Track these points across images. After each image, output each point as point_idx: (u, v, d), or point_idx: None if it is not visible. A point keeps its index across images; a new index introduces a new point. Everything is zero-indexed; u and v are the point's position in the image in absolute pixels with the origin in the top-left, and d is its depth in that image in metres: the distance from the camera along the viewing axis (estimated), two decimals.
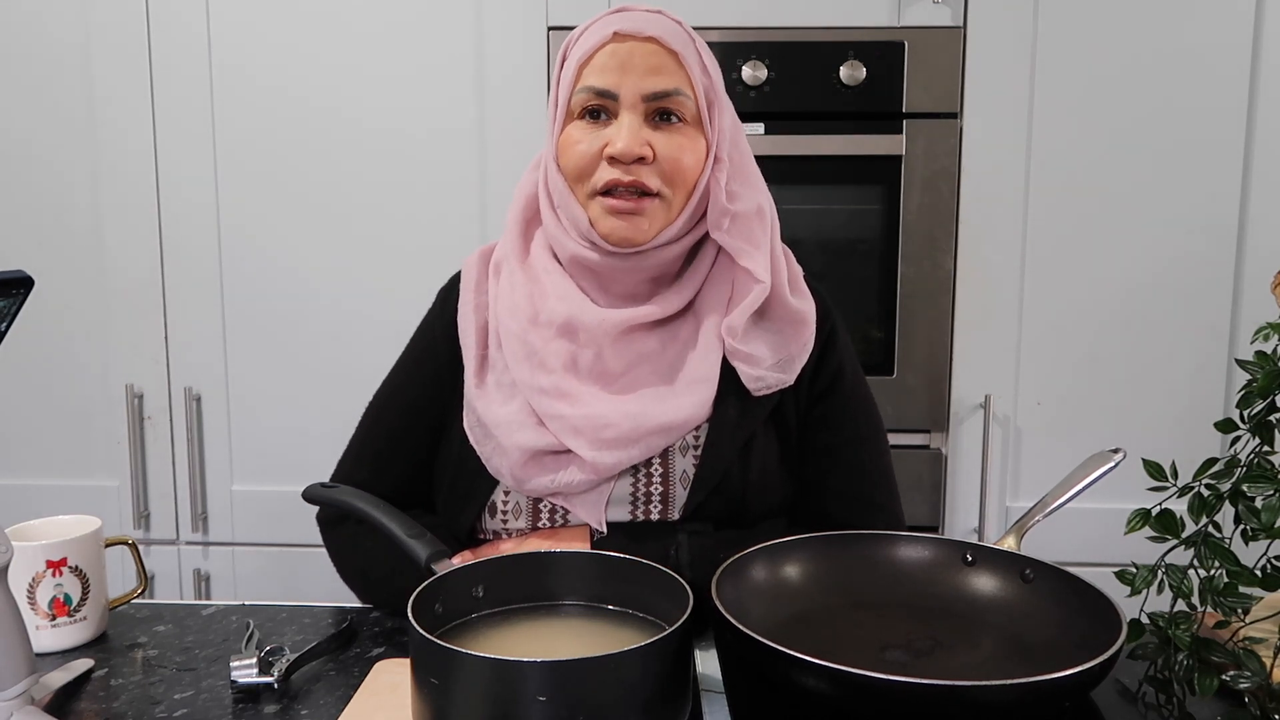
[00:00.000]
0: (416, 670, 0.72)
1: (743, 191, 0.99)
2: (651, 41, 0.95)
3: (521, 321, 1.00)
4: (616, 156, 0.94)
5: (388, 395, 1.10)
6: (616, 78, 0.94)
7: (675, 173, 0.96)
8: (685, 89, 0.95)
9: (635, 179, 0.94)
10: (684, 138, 0.96)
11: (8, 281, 0.71)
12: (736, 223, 0.98)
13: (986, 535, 1.84)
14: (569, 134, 0.97)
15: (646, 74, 0.94)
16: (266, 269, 1.85)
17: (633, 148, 0.93)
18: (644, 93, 0.94)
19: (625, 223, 0.96)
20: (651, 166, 0.95)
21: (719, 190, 0.97)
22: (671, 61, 0.95)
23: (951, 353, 1.82)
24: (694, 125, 0.97)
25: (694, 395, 0.98)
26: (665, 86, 0.95)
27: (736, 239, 0.99)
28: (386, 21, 1.79)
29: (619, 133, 0.94)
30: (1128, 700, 0.82)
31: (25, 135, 1.84)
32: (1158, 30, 1.74)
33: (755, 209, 1.00)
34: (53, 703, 0.83)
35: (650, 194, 0.95)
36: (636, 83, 0.94)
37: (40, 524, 0.97)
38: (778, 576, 0.91)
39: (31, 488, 1.90)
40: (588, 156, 0.96)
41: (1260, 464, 0.80)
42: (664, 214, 0.97)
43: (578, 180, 0.97)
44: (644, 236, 0.97)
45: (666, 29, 0.96)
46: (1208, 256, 1.78)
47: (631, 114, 0.95)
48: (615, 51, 0.95)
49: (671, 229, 0.98)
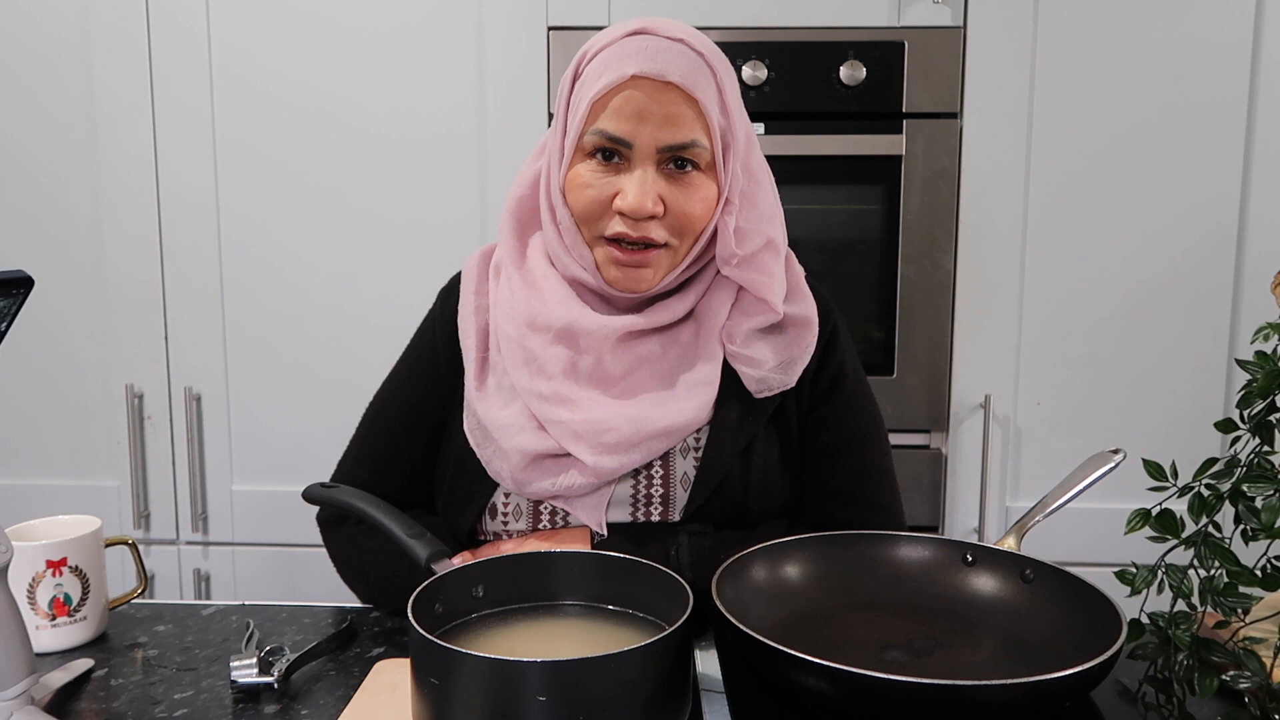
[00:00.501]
0: (416, 670, 0.72)
1: (751, 228, 0.98)
2: (671, 89, 0.91)
3: (520, 327, 1.00)
4: (627, 213, 0.92)
5: (388, 396, 1.10)
6: (632, 126, 0.91)
7: (684, 224, 0.94)
8: (703, 139, 0.93)
9: (643, 235, 0.93)
10: (696, 188, 0.94)
11: (8, 281, 0.71)
12: (745, 261, 0.98)
13: (986, 535, 1.84)
14: (579, 174, 0.95)
15: (663, 124, 0.91)
16: (266, 269, 1.85)
17: (644, 205, 0.91)
18: (660, 145, 0.92)
19: (629, 274, 0.95)
20: (661, 220, 0.94)
21: (727, 234, 0.96)
22: (691, 111, 0.92)
23: (951, 353, 1.82)
24: (707, 171, 0.95)
25: (695, 398, 0.98)
26: (682, 139, 0.92)
27: (748, 273, 0.98)
28: (387, 25, 1.79)
29: (630, 187, 0.92)
30: (1128, 700, 0.82)
31: (25, 136, 1.84)
32: (1157, 30, 1.74)
33: (765, 244, 0.98)
34: (53, 703, 0.83)
35: (656, 245, 0.95)
36: (653, 134, 0.91)
37: (40, 524, 0.97)
38: (778, 576, 0.91)
39: (31, 488, 1.90)
40: (597, 203, 0.94)
41: (1260, 464, 0.80)
42: (669, 261, 0.96)
43: (585, 222, 0.96)
44: (648, 285, 0.96)
45: (688, 71, 0.92)
46: (1208, 256, 1.78)
47: (644, 166, 0.92)
48: (632, 98, 0.91)
49: (675, 273, 0.98)
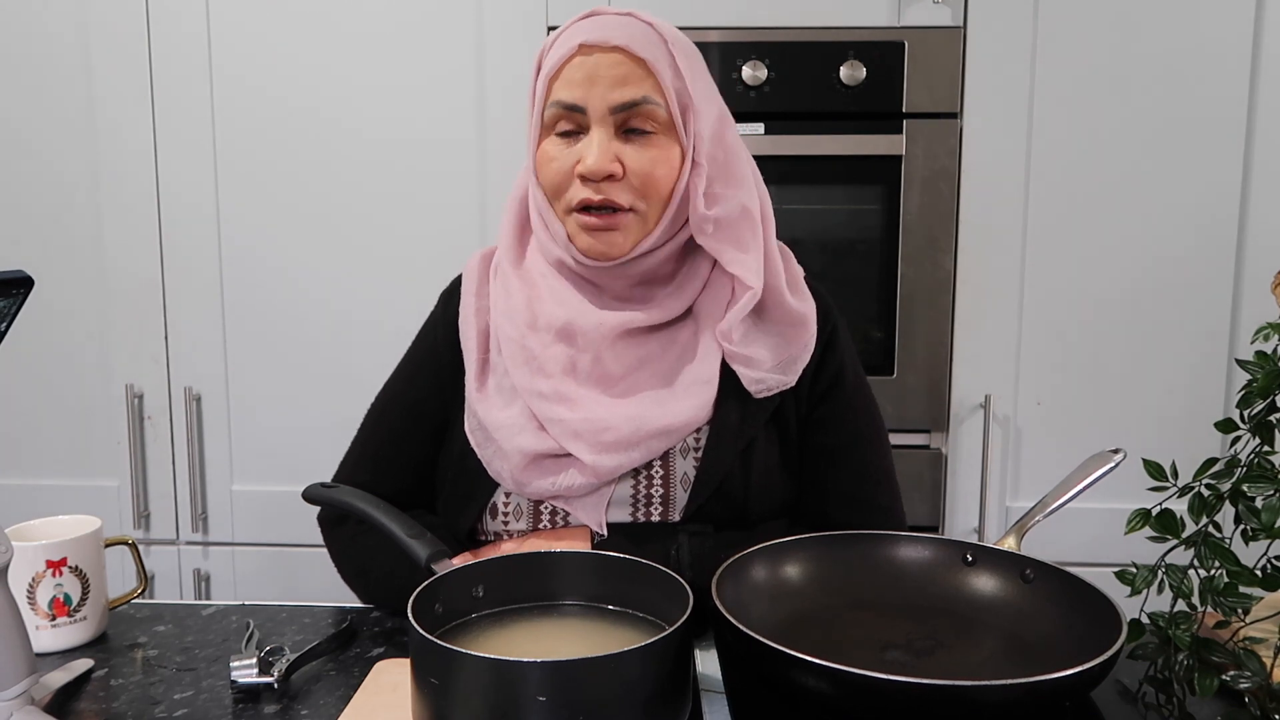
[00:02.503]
0: (416, 670, 0.72)
1: (726, 194, 0.98)
2: (618, 51, 0.93)
3: (519, 326, 1.00)
4: (586, 175, 0.94)
5: (390, 397, 1.10)
6: (583, 91, 0.94)
7: (648, 186, 0.95)
8: (655, 96, 0.94)
9: (605, 197, 0.94)
10: (656, 149, 0.95)
11: (8, 281, 0.71)
12: (720, 227, 0.97)
13: (986, 535, 1.84)
14: (545, 149, 0.97)
15: (613, 85, 0.93)
16: (266, 269, 1.85)
17: (601, 165, 0.93)
18: (611, 104, 0.93)
19: (599, 239, 0.96)
20: (622, 182, 0.94)
21: (697, 197, 0.96)
22: (639, 70, 0.94)
23: (951, 353, 1.82)
24: (667, 133, 0.95)
25: (694, 398, 0.98)
26: (633, 96, 0.93)
27: (722, 243, 0.98)
28: (387, 27, 1.79)
29: (588, 149, 0.94)
30: (1128, 700, 0.82)
31: (25, 135, 1.84)
32: (1158, 30, 1.74)
33: (740, 211, 0.98)
34: (53, 703, 0.83)
35: (623, 209, 0.95)
36: (604, 95, 0.93)
37: (40, 524, 0.97)
38: (778, 576, 0.91)
39: (31, 488, 1.90)
40: (561, 174, 0.96)
41: (1260, 464, 0.80)
42: (639, 227, 0.97)
43: (554, 196, 0.97)
44: (619, 250, 0.96)
45: (634, 35, 0.94)
46: (1208, 256, 1.78)
47: (601, 128, 0.94)
48: (582, 64, 0.94)
49: (649, 239, 0.97)
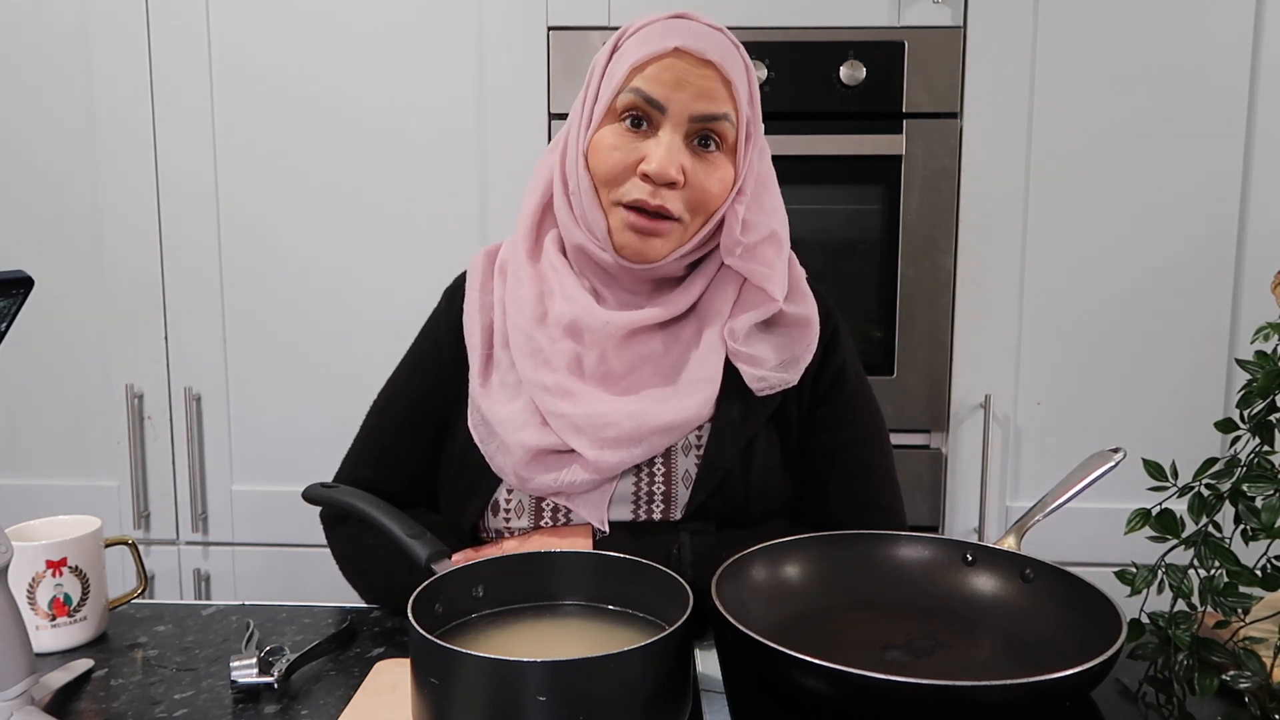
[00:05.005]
0: (416, 670, 0.72)
1: (757, 221, 0.99)
2: (710, 65, 0.94)
3: (529, 319, 1.00)
4: (651, 175, 0.93)
5: (392, 393, 1.10)
6: (669, 91, 0.93)
7: (701, 200, 0.96)
8: (733, 116, 0.95)
9: (661, 204, 0.94)
10: (716, 167, 0.96)
11: (8, 281, 0.71)
12: (749, 250, 0.99)
13: (986, 535, 1.84)
14: (605, 136, 0.96)
15: (698, 96, 0.93)
16: (266, 269, 1.85)
17: (668, 170, 0.93)
18: (693, 114, 0.94)
19: (642, 241, 0.96)
20: (680, 192, 0.95)
21: (735, 222, 0.97)
22: (724, 90, 0.94)
23: (951, 353, 1.82)
24: (728, 154, 0.97)
25: (696, 395, 0.98)
26: (715, 110, 0.94)
27: (750, 264, 0.99)
28: (387, 21, 1.79)
29: (656, 151, 0.93)
30: (1128, 700, 0.82)
31: (25, 135, 1.84)
32: (1158, 30, 1.74)
33: (768, 235, 1.00)
34: (53, 703, 0.83)
35: (671, 218, 0.95)
36: (687, 102, 0.93)
37: (40, 524, 0.97)
38: (778, 576, 0.91)
39: (31, 488, 1.90)
40: (620, 166, 0.95)
41: (1260, 464, 0.80)
42: (679, 236, 0.97)
43: (605, 185, 0.96)
44: (656, 255, 0.97)
45: (727, 54, 0.95)
46: (1208, 256, 1.78)
47: (673, 133, 0.94)
48: (673, 66, 0.93)
49: (683, 249, 0.98)
